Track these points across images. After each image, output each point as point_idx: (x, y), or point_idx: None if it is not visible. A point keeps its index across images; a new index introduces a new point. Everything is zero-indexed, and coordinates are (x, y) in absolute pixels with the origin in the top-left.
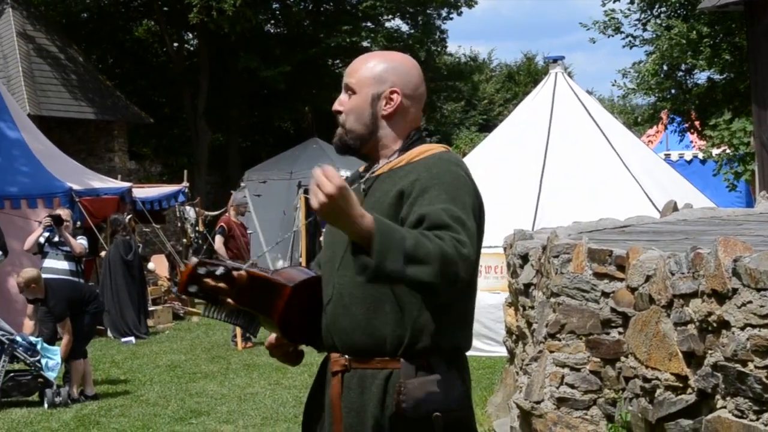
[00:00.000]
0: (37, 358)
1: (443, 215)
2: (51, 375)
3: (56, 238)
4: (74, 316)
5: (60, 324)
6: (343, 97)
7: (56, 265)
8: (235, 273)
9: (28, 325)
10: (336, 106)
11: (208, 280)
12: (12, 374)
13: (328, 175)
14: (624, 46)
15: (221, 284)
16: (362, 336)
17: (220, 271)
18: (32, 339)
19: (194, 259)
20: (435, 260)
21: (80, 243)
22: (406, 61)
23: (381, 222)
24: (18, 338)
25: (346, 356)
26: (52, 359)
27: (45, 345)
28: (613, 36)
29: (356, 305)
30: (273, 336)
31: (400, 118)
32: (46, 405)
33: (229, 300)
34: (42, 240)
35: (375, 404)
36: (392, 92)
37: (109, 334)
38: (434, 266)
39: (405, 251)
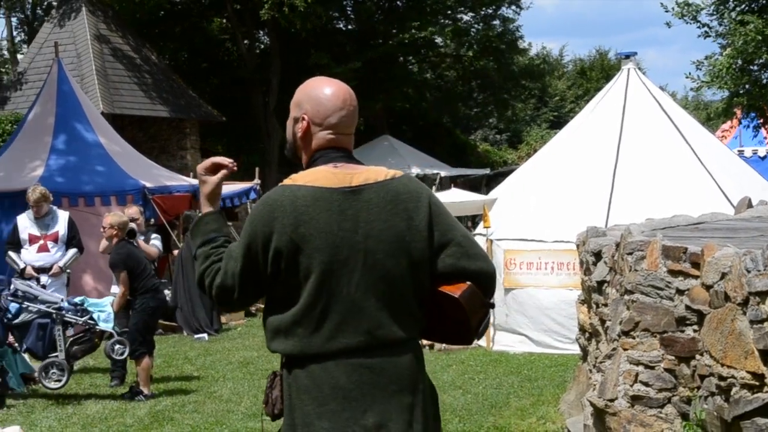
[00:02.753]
0: (88, 315)
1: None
2: (107, 326)
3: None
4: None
5: (115, 274)
6: None
7: None
8: None
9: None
10: None
11: None
12: (71, 340)
13: (204, 162)
14: (699, 36)
15: None
16: None
17: None
18: (77, 299)
19: None
20: (197, 274)
21: (154, 246)
22: (328, 91)
23: (199, 223)
24: (64, 304)
25: None
26: (103, 311)
27: (90, 300)
28: (690, 24)
29: None
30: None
31: (309, 141)
32: (113, 356)
33: None
34: None
35: None
36: (302, 117)
37: (183, 331)
38: (196, 276)
39: (195, 252)
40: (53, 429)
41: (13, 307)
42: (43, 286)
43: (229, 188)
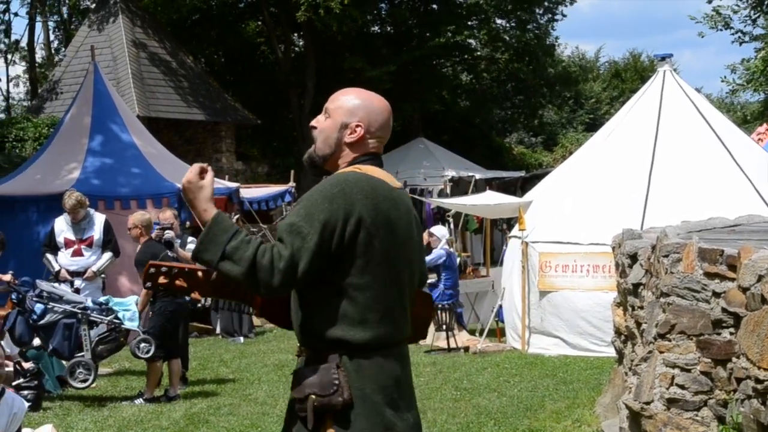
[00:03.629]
0: (113, 315)
1: (283, 229)
2: (132, 325)
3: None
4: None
5: (140, 272)
6: (320, 117)
7: None
8: (195, 271)
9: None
10: (313, 122)
11: (162, 279)
12: (96, 339)
13: (191, 169)
14: (733, 42)
15: (178, 282)
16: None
17: (173, 271)
18: (101, 299)
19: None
20: (245, 264)
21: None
22: (380, 104)
23: (217, 221)
24: (89, 303)
25: (301, 347)
26: (129, 310)
27: (115, 299)
28: (722, 31)
29: None
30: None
31: (358, 147)
32: (138, 355)
33: (195, 294)
34: None
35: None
36: (357, 126)
37: (218, 332)
38: (243, 268)
39: (224, 249)
40: (89, 431)
41: (39, 308)
42: (77, 290)
43: (265, 191)
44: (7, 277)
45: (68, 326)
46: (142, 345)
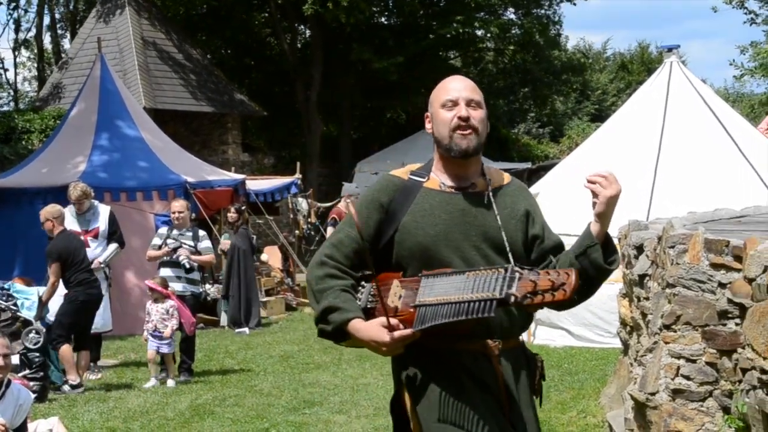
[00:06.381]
0: (12, 301)
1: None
2: (29, 314)
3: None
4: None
5: (48, 263)
6: (470, 109)
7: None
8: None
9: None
10: (464, 113)
11: None
12: None
13: (615, 178)
14: (745, 22)
15: None
16: (518, 321)
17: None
18: (5, 285)
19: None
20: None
21: (206, 251)
22: None
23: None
24: None
25: (498, 340)
26: (29, 299)
27: (17, 286)
28: (736, 9)
29: None
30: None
31: None
32: (26, 344)
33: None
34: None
35: (525, 373)
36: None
37: (223, 323)
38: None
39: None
40: (95, 422)
41: None
42: None
43: (271, 183)
44: None
45: None
46: (31, 335)
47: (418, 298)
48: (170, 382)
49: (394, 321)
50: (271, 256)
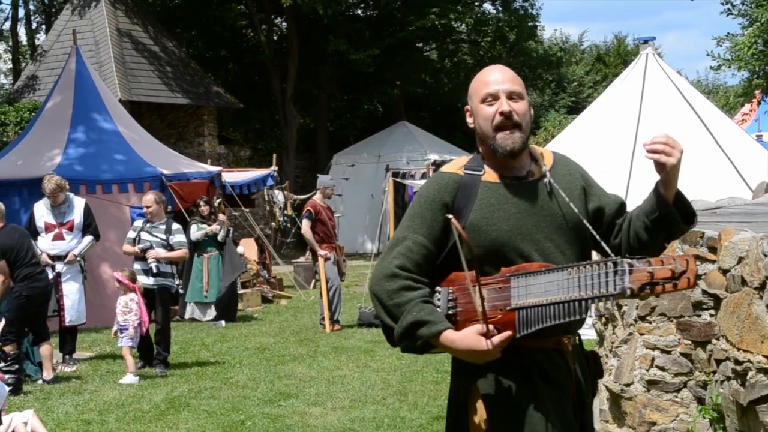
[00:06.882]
0: None
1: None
2: None
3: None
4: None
5: None
6: (511, 103)
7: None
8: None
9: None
10: (506, 108)
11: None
12: None
13: (674, 141)
14: (722, 12)
15: None
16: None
17: None
18: None
19: None
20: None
21: (180, 246)
22: None
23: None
24: None
25: (572, 336)
26: None
27: None
28: None
29: None
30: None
31: None
32: None
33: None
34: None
35: (584, 370)
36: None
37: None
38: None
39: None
40: (70, 415)
41: None
42: (59, 274)
43: (247, 175)
44: None
45: None
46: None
47: (515, 301)
48: (127, 378)
49: (490, 327)
50: (248, 248)
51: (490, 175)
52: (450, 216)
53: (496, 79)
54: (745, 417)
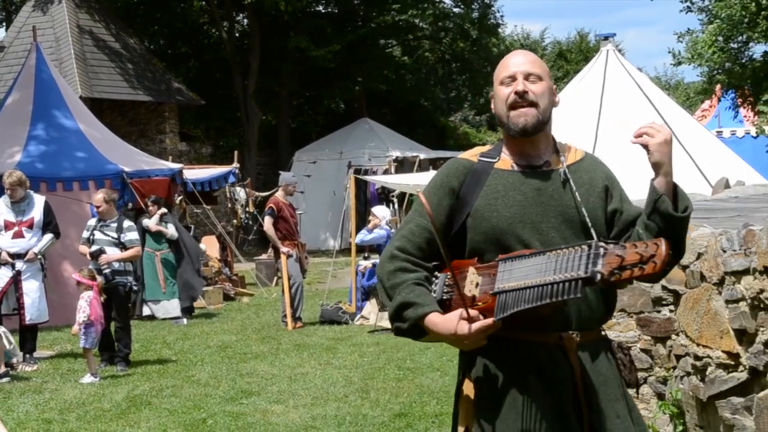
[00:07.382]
0: None
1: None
2: None
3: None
4: None
5: None
6: (528, 83)
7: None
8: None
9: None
10: (521, 87)
11: None
12: None
13: (660, 126)
14: (681, 11)
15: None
16: (598, 312)
17: None
18: None
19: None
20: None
21: (132, 249)
22: None
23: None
24: None
25: (576, 333)
26: None
27: None
28: None
29: None
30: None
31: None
32: None
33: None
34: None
35: (608, 366)
36: (555, 88)
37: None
38: None
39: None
40: (30, 414)
41: None
42: (18, 272)
43: (208, 172)
44: None
45: None
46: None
47: (497, 285)
48: (87, 378)
49: (472, 312)
50: (209, 245)
51: (503, 162)
52: (418, 191)
53: (515, 62)
54: (705, 412)
